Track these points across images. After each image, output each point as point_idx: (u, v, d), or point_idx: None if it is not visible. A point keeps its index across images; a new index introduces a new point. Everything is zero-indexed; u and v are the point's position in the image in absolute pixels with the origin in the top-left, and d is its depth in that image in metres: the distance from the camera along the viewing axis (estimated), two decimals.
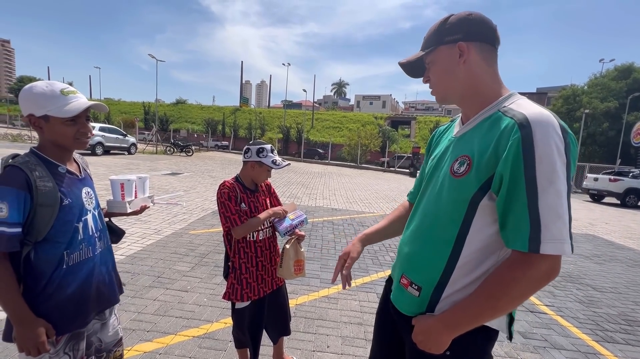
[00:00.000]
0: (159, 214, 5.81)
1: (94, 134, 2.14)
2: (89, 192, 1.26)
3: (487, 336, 0.94)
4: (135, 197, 1.50)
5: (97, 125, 16.44)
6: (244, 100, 54.47)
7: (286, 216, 1.91)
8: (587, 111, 24.13)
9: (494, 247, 0.88)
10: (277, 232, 1.93)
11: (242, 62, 57.63)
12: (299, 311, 2.92)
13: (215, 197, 3.34)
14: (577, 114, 25.88)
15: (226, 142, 35.65)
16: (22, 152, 1.14)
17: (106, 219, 1.42)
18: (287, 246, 1.84)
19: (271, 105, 69.11)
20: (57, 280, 1.13)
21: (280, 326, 2.04)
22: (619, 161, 21.22)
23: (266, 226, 1.87)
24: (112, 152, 17.04)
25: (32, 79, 61.41)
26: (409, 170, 23.89)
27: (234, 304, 1.85)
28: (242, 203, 1.77)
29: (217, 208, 1.80)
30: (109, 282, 1.32)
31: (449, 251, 0.91)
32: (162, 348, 2.25)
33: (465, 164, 0.89)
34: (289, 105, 53.43)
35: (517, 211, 0.78)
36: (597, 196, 15.23)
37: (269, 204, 1.95)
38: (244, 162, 1.84)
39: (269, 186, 2.02)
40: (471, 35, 0.91)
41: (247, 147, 1.83)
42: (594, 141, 26.23)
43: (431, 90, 1.03)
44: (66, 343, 1.18)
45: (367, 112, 51.02)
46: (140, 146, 20.88)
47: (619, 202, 14.24)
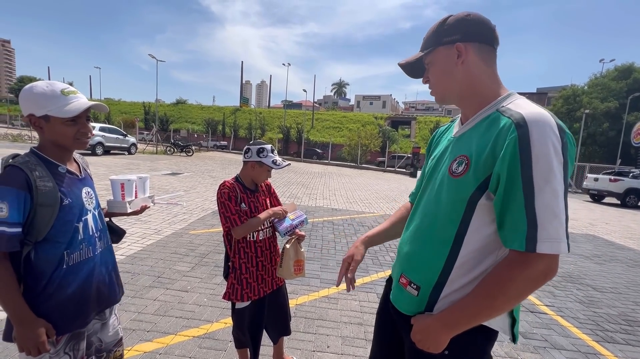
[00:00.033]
0: (159, 214, 5.82)
1: (94, 134, 2.14)
2: (89, 192, 1.26)
3: (487, 336, 0.94)
4: (135, 197, 1.50)
5: (97, 125, 16.45)
6: (244, 100, 54.48)
7: (286, 216, 1.91)
8: (587, 111, 24.13)
9: (492, 247, 0.88)
10: (277, 232, 1.93)
11: (242, 62, 57.69)
12: (299, 311, 2.92)
13: (215, 197, 3.33)
14: (577, 114, 25.87)
15: (225, 142, 35.59)
16: (22, 152, 1.14)
17: (106, 219, 1.42)
18: (287, 246, 1.85)
19: (271, 105, 69.14)
20: (57, 279, 1.13)
21: (280, 326, 2.04)
22: (619, 161, 21.21)
23: (266, 226, 1.87)
24: (112, 152, 17.05)
25: (32, 79, 61.42)
26: (406, 169, 23.85)
27: (234, 305, 1.85)
28: (242, 203, 1.77)
29: (217, 208, 1.80)
30: (109, 282, 1.32)
31: (447, 251, 0.92)
32: (162, 348, 2.25)
33: (463, 164, 0.90)
34: (289, 105, 53.44)
35: (514, 211, 0.79)
36: (597, 197, 15.22)
37: (269, 204, 1.95)
38: (244, 162, 1.84)
39: (269, 187, 2.02)
40: (469, 35, 0.91)
41: (247, 147, 1.83)
42: (594, 141, 26.21)
43: (430, 90, 1.04)
44: (66, 343, 1.18)
45: (367, 112, 51.01)
46: (140, 146, 20.89)
47: (619, 202, 14.24)
